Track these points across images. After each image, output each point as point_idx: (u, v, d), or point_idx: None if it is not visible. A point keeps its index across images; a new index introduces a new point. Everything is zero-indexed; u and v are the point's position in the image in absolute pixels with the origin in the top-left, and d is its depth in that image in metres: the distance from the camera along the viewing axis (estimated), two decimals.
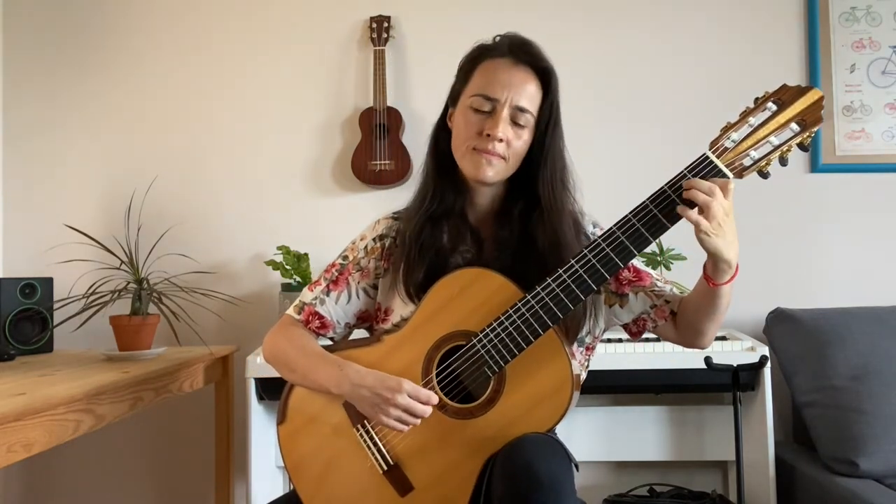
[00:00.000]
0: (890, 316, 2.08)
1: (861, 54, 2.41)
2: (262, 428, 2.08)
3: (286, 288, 2.28)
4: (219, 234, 2.49)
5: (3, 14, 2.55)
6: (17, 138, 2.53)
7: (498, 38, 1.30)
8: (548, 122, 1.28)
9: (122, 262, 2.07)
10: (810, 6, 2.42)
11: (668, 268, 2.21)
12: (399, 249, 1.33)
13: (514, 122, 1.25)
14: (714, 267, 1.15)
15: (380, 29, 2.44)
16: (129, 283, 2.03)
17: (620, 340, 2.04)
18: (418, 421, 1.17)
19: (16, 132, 2.54)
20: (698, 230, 1.08)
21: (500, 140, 1.24)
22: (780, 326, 2.15)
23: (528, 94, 1.26)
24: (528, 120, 1.26)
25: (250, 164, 2.51)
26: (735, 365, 1.82)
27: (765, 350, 1.98)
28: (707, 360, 1.80)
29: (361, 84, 2.49)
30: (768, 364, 1.92)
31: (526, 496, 1.04)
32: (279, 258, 2.30)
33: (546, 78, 1.28)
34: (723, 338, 2.10)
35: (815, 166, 2.41)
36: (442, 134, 1.35)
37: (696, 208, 1.09)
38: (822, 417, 1.96)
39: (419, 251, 1.28)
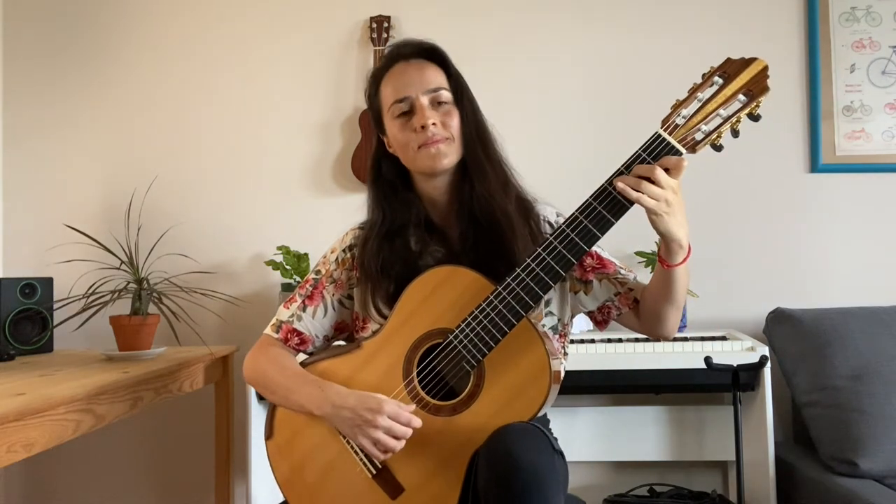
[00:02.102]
0: (890, 316, 2.07)
1: (861, 54, 2.41)
2: (262, 428, 2.07)
3: (286, 288, 2.28)
4: (219, 234, 2.49)
5: (3, 14, 2.55)
6: (17, 138, 2.53)
7: (382, 58, 1.37)
8: (457, 92, 1.33)
9: (122, 262, 2.07)
10: (810, 6, 2.42)
11: None
12: (362, 270, 1.34)
13: (438, 104, 1.31)
14: (666, 248, 1.17)
15: (380, 29, 2.44)
16: (129, 283, 2.03)
17: (620, 340, 2.04)
18: (400, 445, 1.16)
19: (16, 132, 2.54)
20: (648, 212, 1.10)
21: (434, 124, 1.28)
22: (780, 326, 2.15)
23: (432, 76, 1.32)
24: (448, 96, 1.32)
25: (250, 163, 2.51)
26: (735, 365, 1.82)
27: (765, 350, 1.98)
28: (707, 360, 1.80)
29: (361, 84, 2.48)
30: (768, 364, 1.92)
31: (507, 481, 1.05)
32: (279, 258, 2.30)
33: (437, 56, 1.34)
34: (723, 338, 2.10)
35: (815, 166, 2.40)
36: (384, 162, 1.38)
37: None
38: (822, 417, 1.96)
39: (381, 269, 1.31)
